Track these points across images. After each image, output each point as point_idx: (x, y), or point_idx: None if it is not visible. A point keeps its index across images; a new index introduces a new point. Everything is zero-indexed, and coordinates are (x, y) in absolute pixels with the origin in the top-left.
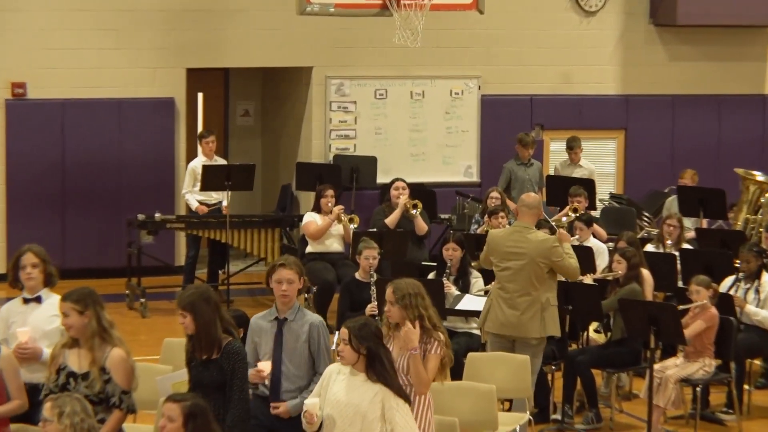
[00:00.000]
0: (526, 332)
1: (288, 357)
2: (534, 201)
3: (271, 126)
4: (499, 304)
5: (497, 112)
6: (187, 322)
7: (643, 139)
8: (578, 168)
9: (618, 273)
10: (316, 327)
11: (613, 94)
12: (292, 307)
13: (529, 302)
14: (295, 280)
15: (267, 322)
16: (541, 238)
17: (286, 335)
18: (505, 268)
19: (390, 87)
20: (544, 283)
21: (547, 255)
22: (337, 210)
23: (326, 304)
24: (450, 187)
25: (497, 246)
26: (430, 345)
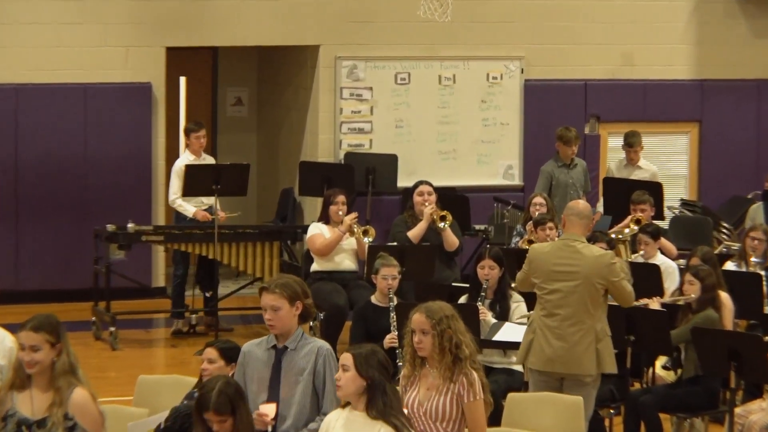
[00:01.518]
0: (578, 368)
1: (287, 394)
2: (585, 209)
3: (268, 118)
4: (544, 334)
5: (544, 101)
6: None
7: (722, 133)
8: (637, 170)
9: (691, 297)
10: (323, 356)
11: (685, 79)
12: (292, 335)
13: (582, 332)
14: (282, 306)
15: (263, 351)
16: (597, 253)
17: (286, 368)
18: (552, 290)
19: (414, 70)
20: (599, 308)
21: (605, 274)
22: (349, 220)
23: (336, 334)
24: (486, 192)
25: (542, 263)
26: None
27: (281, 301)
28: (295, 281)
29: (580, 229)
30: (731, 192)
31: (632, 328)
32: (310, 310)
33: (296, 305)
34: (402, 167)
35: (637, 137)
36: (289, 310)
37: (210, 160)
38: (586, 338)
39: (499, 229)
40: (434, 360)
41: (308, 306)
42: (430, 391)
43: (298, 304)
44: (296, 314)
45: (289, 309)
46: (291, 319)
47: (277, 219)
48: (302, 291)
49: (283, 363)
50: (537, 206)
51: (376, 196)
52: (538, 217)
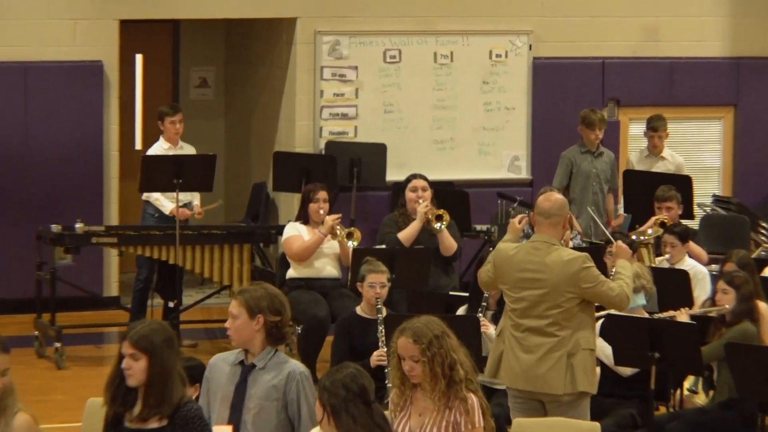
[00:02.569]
0: (544, 386)
1: (251, 419)
2: (555, 205)
3: (237, 101)
4: (512, 347)
5: (555, 83)
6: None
7: (761, 119)
8: (660, 161)
9: (724, 307)
10: (294, 379)
11: (718, 57)
12: (261, 352)
13: (549, 345)
14: (239, 316)
15: (229, 366)
16: (566, 257)
17: (252, 389)
18: (518, 299)
19: (405, 47)
20: (572, 319)
21: (575, 281)
22: (331, 221)
23: (316, 350)
24: (489, 186)
25: (507, 269)
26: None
27: (240, 309)
28: (266, 293)
29: (550, 229)
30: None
31: (657, 344)
32: (278, 331)
33: (257, 319)
34: (391, 158)
35: (661, 121)
36: (247, 323)
37: (189, 149)
38: (554, 353)
39: (503, 230)
40: (427, 386)
41: (273, 324)
42: (423, 417)
43: (259, 318)
44: (256, 329)
45: (247, 321)
46: (250, 333)
47: (247, 218)
48: (269, 305)
49: (249, 382)
50: None
51: (362, 192)
52: None
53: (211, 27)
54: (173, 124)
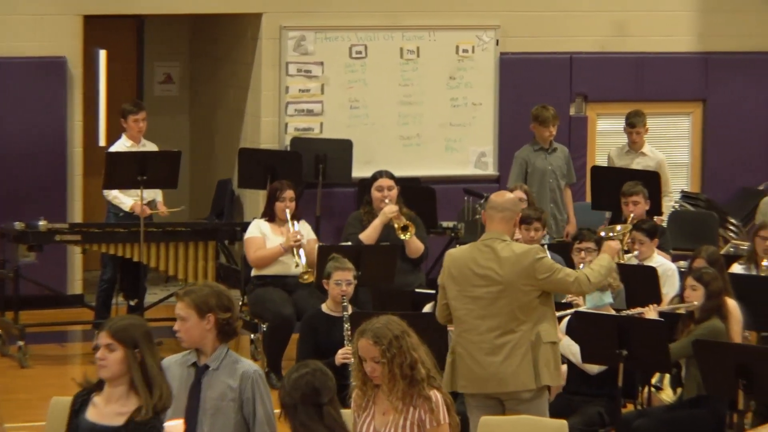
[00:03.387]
0: (516, 384)
1: (207, 421)
2: (506, 201)
3: (202, 97)
4: (470, 352)
5: (522, 78)
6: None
7: (730, 114)
8: (640, 157)
9: (693, 304)
10: (248, 379)
11: (687, 52)
12: (215, 352)
13: (513, 343)
14: (189, 318)
15: (182, 368)
16: (519, 251)
17: (206, 390)
18: (474, 298)
19: (371, 42)
20: (532, 313)
21: (531, 273)
22: (292, 240)
23: (281, 347)
24: (456, 183)
25: (460, 269)
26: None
27: (188, 311)
28: (212, 291)
29: (501, 225)
30: (740, 183)
31: (625, 341)
32: (229, 327)
33: (207, 318)
34: (357, 155)
35: (639, 117)
36: (198, 323)
37: (151, 146)
38: (518, 349)
39: (470, 227)
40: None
41: (224, 321)
42: (387, 416)
43: (209, 317)
44: (208, 329)
45: (198, 321)
46: (201, 334)
47: (212, 215)
48: (218, 303)
49: (203, 384)
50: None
51: (328, 189)
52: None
53: (175, 22)
54: (137, 122)
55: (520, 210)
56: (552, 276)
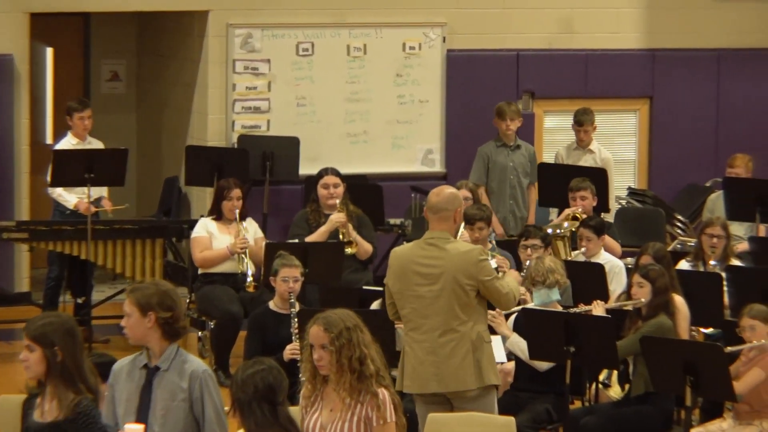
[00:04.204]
0: (457, 384)
1: (158, 421)
2: (442, 199)
3: (149, 95)
4: (414, 351)
5: (469, 75)
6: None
7: (676, 111)
8: (587, 154)
9: (640, 301)
10: (197, 378)
11: (633, 49)
12: (164, 352)
13: (454, 342)
14: (132, 314)
15: (134, 370)
16: (463, 249)
17: (157, 391)
18: (416, 297)
19: (318, 40)
20: (472, 312)
21: (474, 272)
22: (239, 246)
23: (229, 345)
24: (403, 180)
25: (402, 268)
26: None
27: (131, 308)
28: (157, 290)
29: (441, 224)
30: (687, 180)
31: (572, 338)
32: (171, 327)
33: (148, 316)
34: (304, 152)
35: (587, 115)
36: (140, 320)
37: (97, 144)
38: (460, 349)
39: (417, 224)
40: (334, 379)
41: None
42: (334, 413)
43: (150, 316)
44: (149, 327)
45: (140, 319)
46: (143, 331)
47: (159, 213)
48: (159, 302)
49: (155, 385)
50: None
51: (275, 186)
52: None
53: (122, 20)
54: (82, 120)
55: (458, 206)
56: (492, 281)
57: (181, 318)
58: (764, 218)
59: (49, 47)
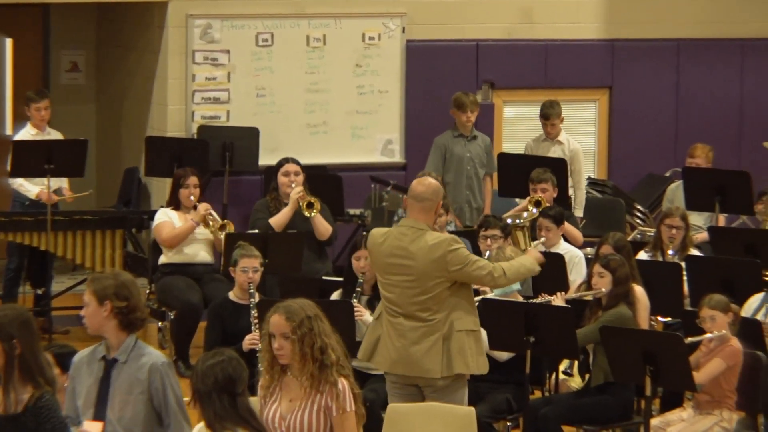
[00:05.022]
0: (420, 370)
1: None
2: (428, 189)
3: (109, 86)
4: (388, 332)
5: (429, 65)
6: None
7: (636, 101)
8: (556, 145)
9: (600, 291)
10: (156, 371)
11: (593, 39)
12: (123, 344)
13: (423, 330)
14: (89, 303)
15: (92, 362)
16: (432, 242)
17: (115, 384)
18: (390, 284)
19: (277, 30)
20: (443, 303)
21: (442, 265)
22: (203, 210)
23: (189, 335)
24: (362, 170)
25: (377, 254)
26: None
27: (89, 296)
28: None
29: (421, 214)
30: (646, 170)
31: (532, 328)
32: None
33: (105, 306)
34: (264, 142)
35: (553, 109)
36: (97, 310)
37: (56, 135)
38: (428, 337)
39: (377, 214)
40: (296, 368)
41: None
42: (294, 402)
43: (106, 305)
44: (105, 316)
45: (97, 308)
46: (100, 320)
47: (119, 204)
48: (115, 292)
49: (113, 377)
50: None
51: (235, 176)
52: None
53: (81, 10)
54: (38, 110)
55: (441, 198)
56: (464, 268)
57: (138, 309)
58: (724, 208)
59: (8, 38)
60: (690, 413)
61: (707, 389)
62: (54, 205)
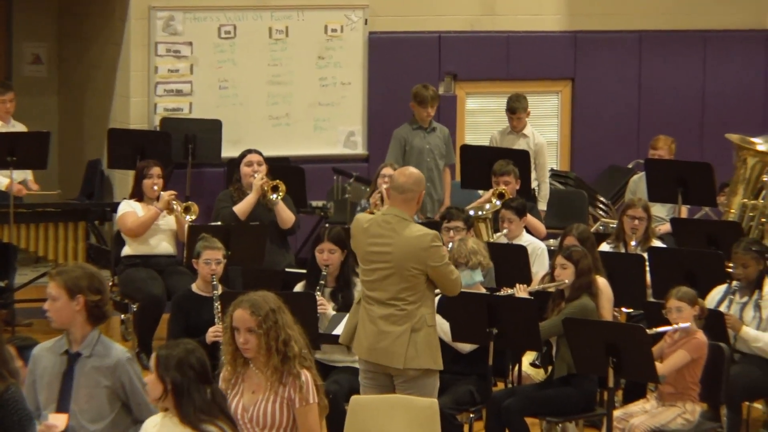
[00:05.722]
0: (388, 360)
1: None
2: (409, 180)
3: (71, 78)
4: (363, 317)
5: (391, 57)
6: None
7: (598, 93)
8: (522, 138)
9: (563, 282)
10: (122, 366)
11: (555, 31)
12: (86, 338)
13: (394, 320)
14: (59, 297)
15: (54, 356)
16: (416, 233)
17: (79, 378)
18: (368, 271)
19: (240, 22)
20: (418, 295)
21: (423, 258)
22: (167, 196)
23: (151, 327)
24: (325, 162)
25: (359, 240)
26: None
27: (59, 291)
28: (84, 273)
29: (403, 204)
30: (609, 161)
31: (495, 320)
32: (100, 310)
33: (77, 300)
34: (227, 135)
35: (520, 102)
36: (67, 304)
37: (21, 127)
38: (398, 327)
39: (339, 206)
40: (260, 361)
41: (94, 303)
42: (256, 394)
43: (79, 299)
44: (77, 310)
45: (67, 302)
46: (70, 314)
47: (82, 196)
48: (89, 285)
49: (76, 371)
50: (386, 178)
51: (197, 168)
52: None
53: (43, 2)
54: (3, 103)
55: (422, 189)
56: (441, 267)
57: (107, 302)
58: (686, 200)
59: None
60: (653, 404)
61: (670, 381)
62: (17, 197)
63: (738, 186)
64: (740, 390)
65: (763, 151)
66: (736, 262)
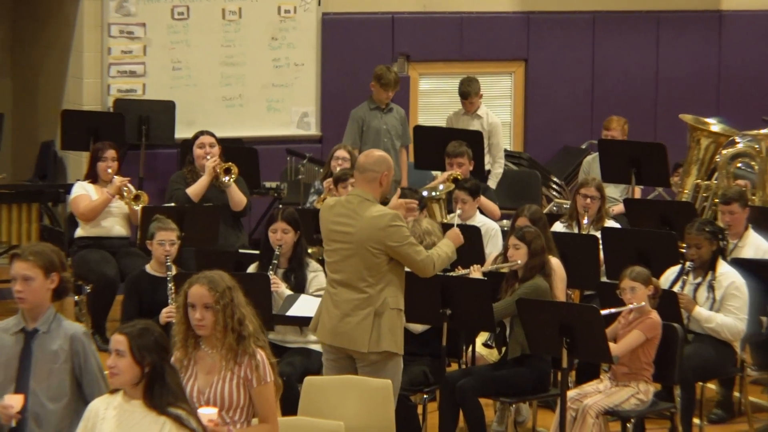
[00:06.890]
0: (350, 343)
1: (40, 385)
2: (369, 160)
3: (25, 59)
4: (326, 300)
5: (345, 38)
6: None
7: (551, 73)
8: (476, 119)
9: (516, 263)
10: (78, 340)
11: (507, 12)
12: (43, 315)
13: (356, 302)
14: (36, 277)
15: (10, 336)
16: (375, 213)
17: (37, 354)
18: (331, 251)
19: (193, 3)
20: (380, 276)
21: (381, 238)
22: (119, 182)
23: (105, 309)
24: (278, 143)
25: (324, 221)
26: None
27: (35, 270)
28: (52, 250)
29: (365, 184)
30: (562, 142)
31: (448, 301)
32: (66, 285)
33: (51, 277)
34: (180, 116)
35: (471, 86)
36: (43, 283)
37: None
38: (360, 310)
39: (293, 187)
40: (215, 340)
41: (65, 280)
42: (211, 375)
43: (53, 277)
44: (50, 288)
45: (43, 281)
46: (44, 294)
47: (35, 177)
48: (60, 262)
49: (34, 348)
50: (339, 160)
51: (151, 150)
52: (339, 173)
53: None
54: None
55: (386, 169)
56: (402, 247)
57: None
58: (639, 180)
59: None
60: (606, 385)
61: (624, 361)
62: None
63: (691, 167)
64: (693, 370)
65: (716, 132)
66: (689, 243)
